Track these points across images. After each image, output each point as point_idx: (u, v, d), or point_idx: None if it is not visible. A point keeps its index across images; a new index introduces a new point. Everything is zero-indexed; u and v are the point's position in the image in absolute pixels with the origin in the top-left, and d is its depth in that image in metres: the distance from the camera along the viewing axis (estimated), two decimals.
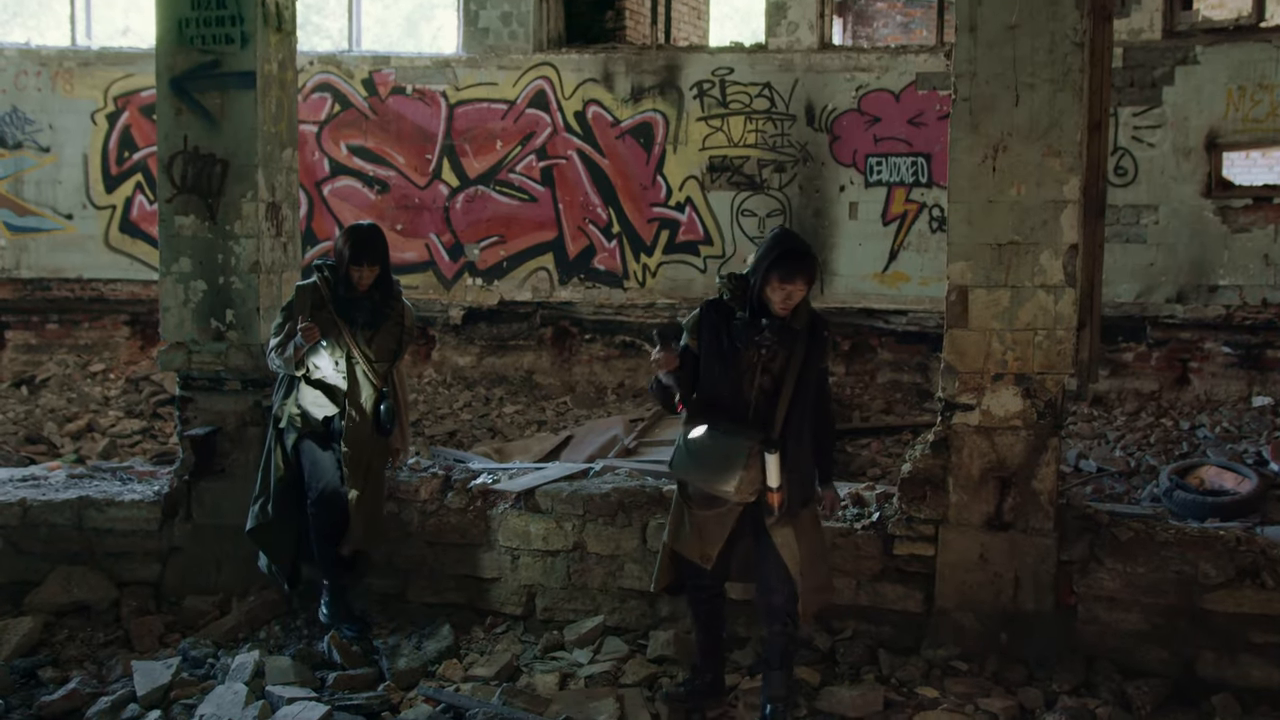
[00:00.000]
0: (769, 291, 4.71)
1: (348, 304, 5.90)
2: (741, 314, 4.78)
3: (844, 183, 13.01)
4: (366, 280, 5.89)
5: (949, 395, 5.64)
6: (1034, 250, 5.45)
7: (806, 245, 4.79)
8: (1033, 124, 5.45)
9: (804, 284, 4.73)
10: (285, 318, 5.90)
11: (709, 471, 4.81)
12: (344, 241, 5.84)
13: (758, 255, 4.79)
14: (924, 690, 5.35)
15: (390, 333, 6.03)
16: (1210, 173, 12.15)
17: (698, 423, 4.88)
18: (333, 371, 5.93)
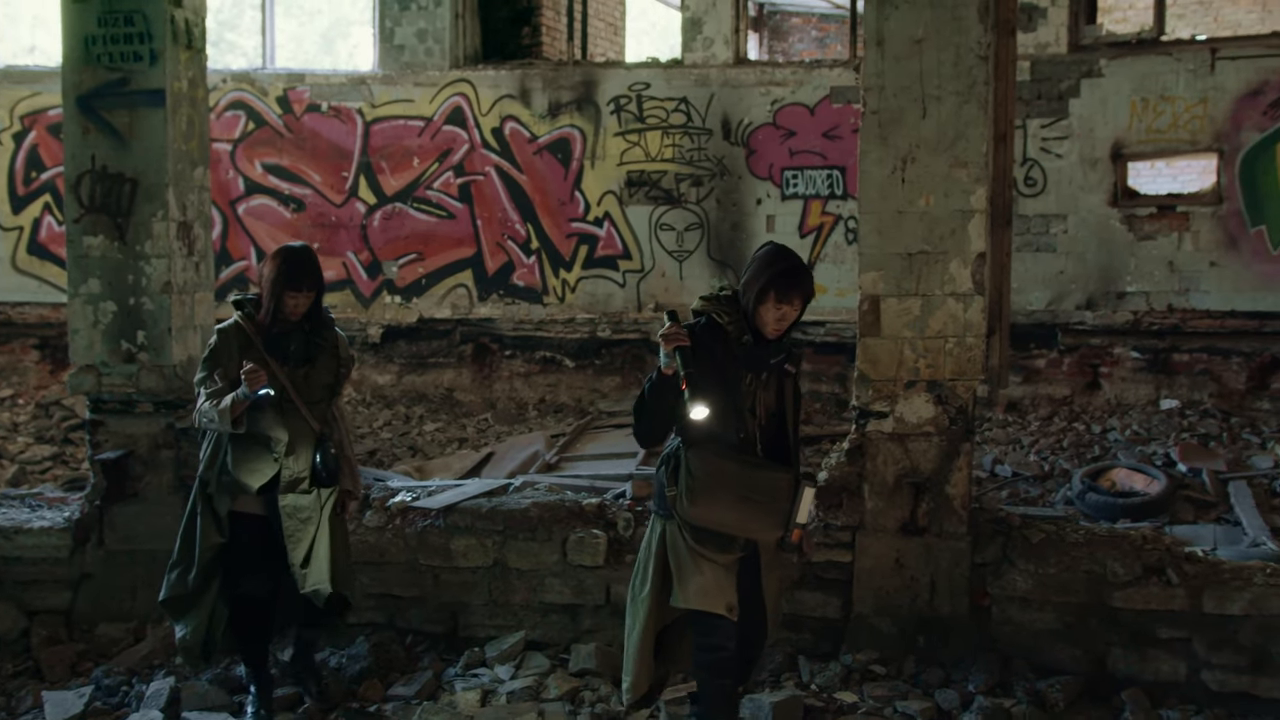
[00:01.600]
0: (762, 312, 4.32)
1: (277, 339, 5.25)
2: (747, 338, 4.34)
3: (761, 196, 13.13)
4: (302, 308, 5.23)
5: (863, 403, 5.72)
6: (943, 259, 5.56)
7: (802, 261, 4.41)
8: (940, 136, 5.56)
9: (800, 303, 4.37)
10: (209, 369, 5.19)
11: (750, 506, 4.34)
12: (276, 265, 5.18)
13: (749, 274, 4.40)
14: (843, 695, 5.42)
15: (326, 366, 5.38)
16: (1116, 182, 12.43)
17: (715, 453, 4.35)
18: (271, 418, 5.22)
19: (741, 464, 4.35)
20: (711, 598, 4.37)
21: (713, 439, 4.36)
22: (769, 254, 4.43)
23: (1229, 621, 5.25)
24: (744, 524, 4.37)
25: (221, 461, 5.26)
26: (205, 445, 5.37)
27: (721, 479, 4.33)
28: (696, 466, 4.36)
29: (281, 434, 5.22)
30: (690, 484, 4.36)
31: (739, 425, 4.37)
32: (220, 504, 5.30)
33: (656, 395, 4.29)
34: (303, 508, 5.28)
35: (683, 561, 4.41)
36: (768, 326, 4.35)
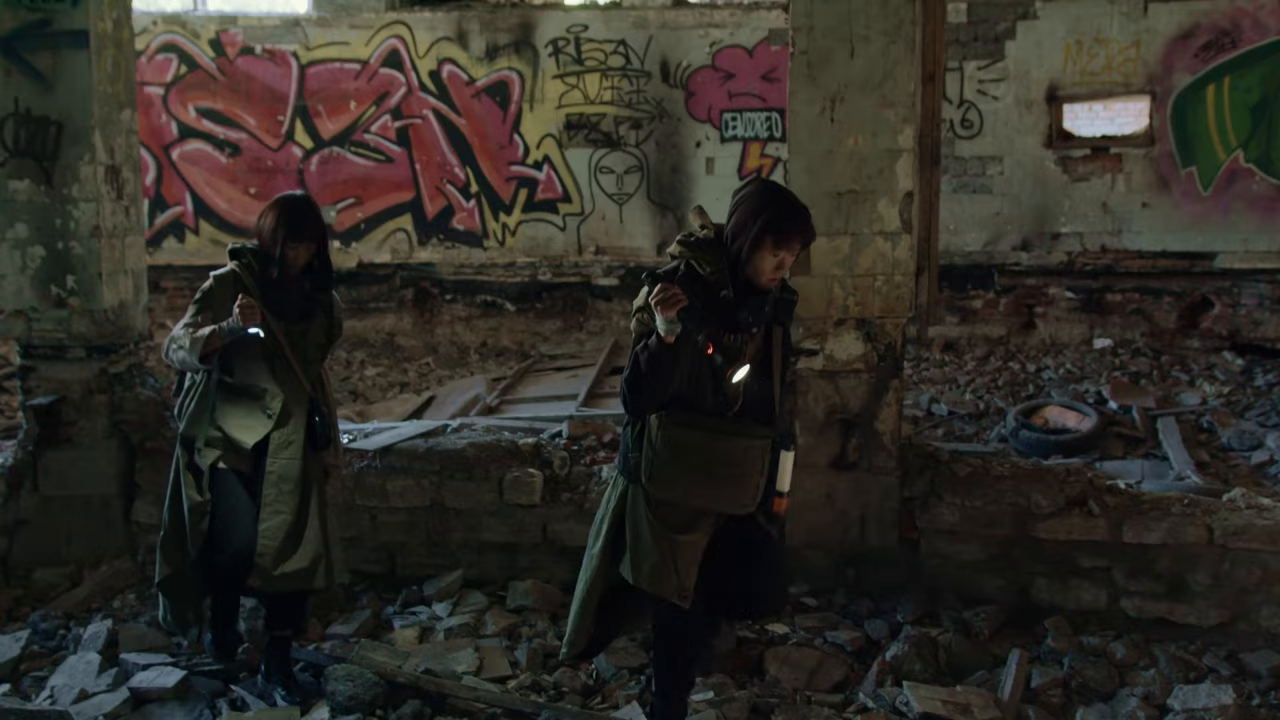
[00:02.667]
0: (757, 260, 3.82)
1: (277, 293, 4.89)
2: (726, 292, 3.86)
3: (700, 138, 13.14)
4: (302, 259, 4.90)
5: (794, 341, 5.79)
6: (871, 198, 5.62)
7: (799, 201, 3.95)
8: (868, 76, 5.60)
9: (800, 247, 3.92)
10: (197, 311, 4.84)
11: (716, 483, 3.93)
12: (275, 215, 4.84)
13: (742, 214, 3.87)
14: (775, 626, 5.53)
15: (321, 326, 5.05)
16: (1052, 124, 12.57)
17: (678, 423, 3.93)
18: (264, 373, 4.91)
19: (709, 434, 3.91)
20: (663, 580, 3.97)
21: (685, 403, 3.92)
22: (762, 192, 3.91)
23: (1147, 551, 5.40)
24: (710, 500, 3.97)
25: (209, 417, 4.92)
26: (187, 401, 4.99)
27: (684, 453, 3.91)
28: (660, 437, 3.93)
29: (276, 389, 4.89)
30: (652, 457, 3.95)
31: (714, 388, 3.90)
32: (205, 458, 4.93)
33: (656, 367, 3.79)
34: (289, 478, 4.93)
35: (640, 532, 4.01)
36: (763, 276, 3.86)
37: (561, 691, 5.04)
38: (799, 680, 5.11)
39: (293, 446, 4.93)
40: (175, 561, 5.05)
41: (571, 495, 6.10)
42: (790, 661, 5.22)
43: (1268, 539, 5.20)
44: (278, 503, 4.92)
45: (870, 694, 4.97)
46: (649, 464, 3.96)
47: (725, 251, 3.89)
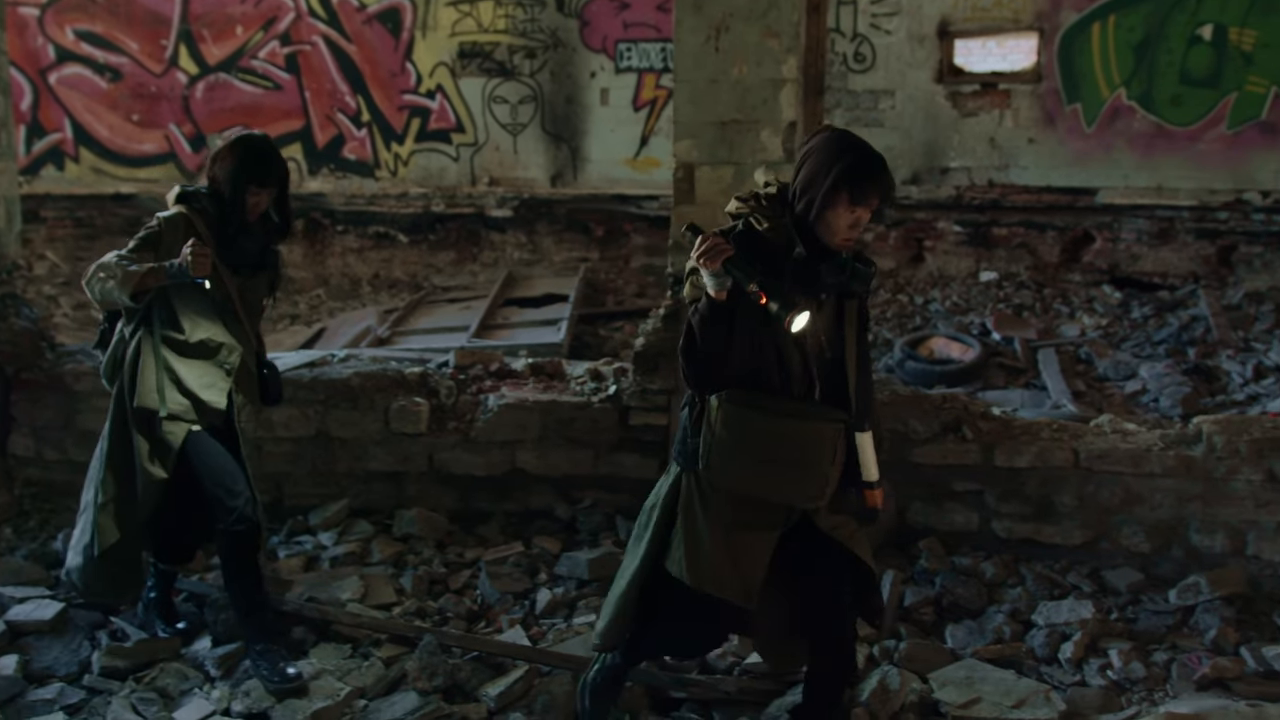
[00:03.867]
0: (831, 217, 3.39)
1: (231, 242, 4.51)
2: (799, 250, 3.42)
3: (595, 69, 13.07)
4: (263, 206, 4.52)
5: (677, 270, 5.84)
6: (755, 128, 5.66)
7: (876, 151, 3.45)
8: (752, 5, 5.61)
9: (879, 204, 3.45)
10: (136, 249, 4.39)
11: (778, 470, 3.53)
12: (235, 157, 4.43)
13: (812, 166, 3.43)
14: None
15: (266, 278, 4.73)
16: (943, 60, 12.71)
17: (740, 402, 3.53)
18: (217, 327, 4.56)
19: (773, 416, 3.51)
20: (726, 581, 3.60)
21: (751, 380, 3.53)
22: (834, 141, 3.45)
23: (1017, 474, 5.58)
24: (770, 489, 3.58)
25: (168, 383, 4.51)
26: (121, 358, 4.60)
27: (747, 436, 3.52)
28: (720, 418, 3.54)
29: (233, 343, 4.58)
30: (711, 440, 3.56)
31: (780, 363, 3.51)
32: (174, 435, 4.53)
33: (710, 329, 3.42)
34: (249, 435, 4.78)
35: (696, 528, 3.63)
36: (837, 235, 3.43)
37: (446, 617, 5.09)
38: None
39: (249, 406, 4.76)
40: (124, 528, 4.65)
41: (458, 424, 6.11)
42: None
43: (1130, 462, 5.40)
44: (248, 462, 4.71)
45: None
46: (708, 449, 3.55)
47: (791, 208, 3.48)
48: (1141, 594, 5.20)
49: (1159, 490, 5.35)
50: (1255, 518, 5.23)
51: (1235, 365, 9.01)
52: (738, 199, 3.60)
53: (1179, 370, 8.89)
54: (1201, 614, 4.97)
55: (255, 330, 4.74)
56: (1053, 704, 4.31)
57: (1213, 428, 5.34)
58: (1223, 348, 9.53)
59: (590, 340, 10.44)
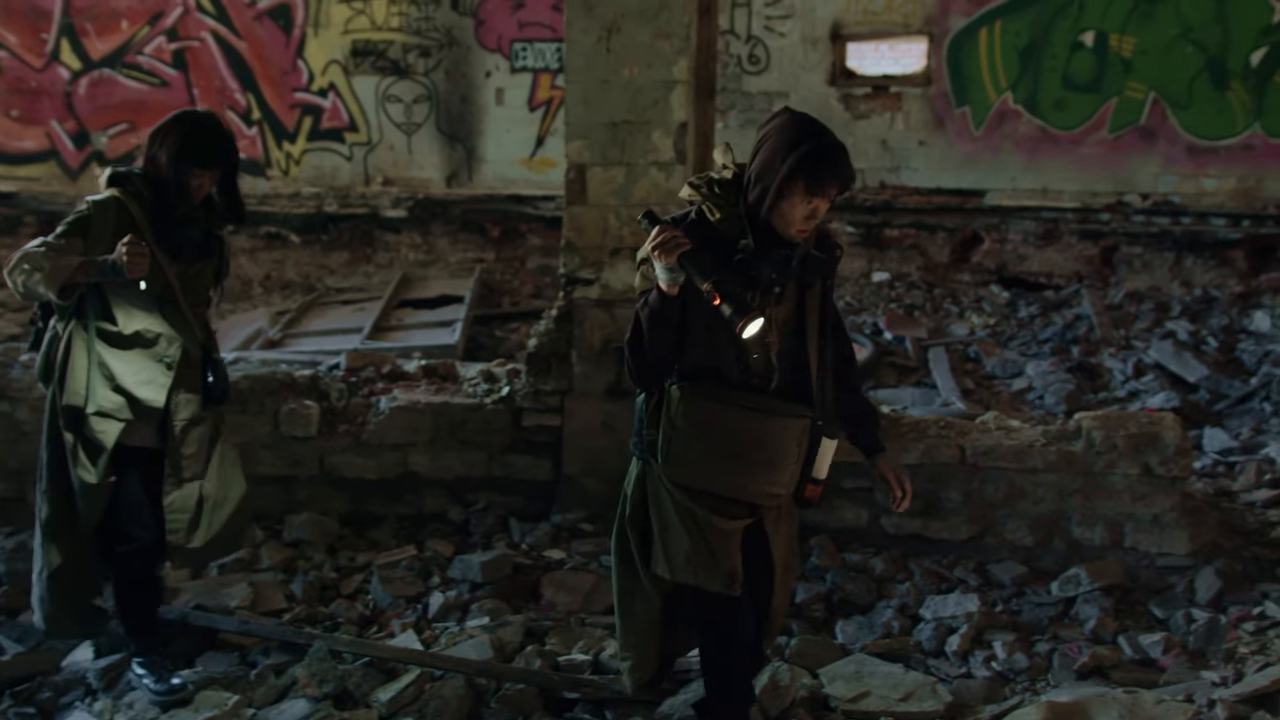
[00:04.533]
0: (787, 207, 3.22)
1: (171, 228, 4.16)
2: (745, 241, 3.27)
3: (490, 68, 13.02)
4: (207, 189, 4.18)
5: (570, 270, 5.85)
6: (646, 129, 5.68)
7: (835, 137, 3.28)
8: (644, 6, 5.63)
9: (837, 193, 3.28)
10: (63, 235, 4.05)
11: (744, 467, 3.40)
12: (177, 137, 4.09)
13: (768, 151, 3.25)
14: (552, 552, 5.62)
15: (210, 267, 4.36)
16: (835, 62, 12.88)
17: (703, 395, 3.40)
18: (155, 318, 4.21)
19: (738, 410, 3.37)
20: (704, 568, 3.45)
21: (710, 371, 3.39)
22: (791, 125, 3.26)
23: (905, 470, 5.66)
24: (736, 487, 3.45)
25: (100, 377, 4.20)
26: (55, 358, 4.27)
27: (709, 431, 3.38)
28: (682, 412, 3.39)
29: (173, 334, 4.22)
30: (671, 434, 3.41)
31: (738, 355, 3.37)
32: (106, 433, 4.22)
33: (659, 325, 3.29)
34: (196, 437, 4.33)
35: (666, 517, 3.48)
36: (791, 226, 3.26)
37: (337, 622, 5.03)
38: (574, 603, 5.21)
39: (194, 402, 4.32)
40: (69, 547, 4.33)
41: (349, 427, 6.05)
42: (566, 585, 5.32)
43: (1014, 458, 5.52)
44: (188, 468, 4.33)
45: None
46: (667, 442, 3.41)
47: (744, 196, 3.31)
48: (1025, 586, 5.32)
49: (1041, 485, 5.47)
50: (1132, 510, 5.38)
51: (1117, 363, 9.26)
52: (691, 184, 3.40)
53: (1063, 368, 9.11)
54: (1082, 605, 5.10)
55: (202, 322, 4.37)
56: (939, 696, 4.38)
57: (1091, 423, 5.49)
58: (1105, 346, 9.79)
59: (486, 341, 10.39)
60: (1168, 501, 5.32)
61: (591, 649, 4.74)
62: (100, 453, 4.23)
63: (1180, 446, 5.35)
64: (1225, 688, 4.24)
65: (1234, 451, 7.22)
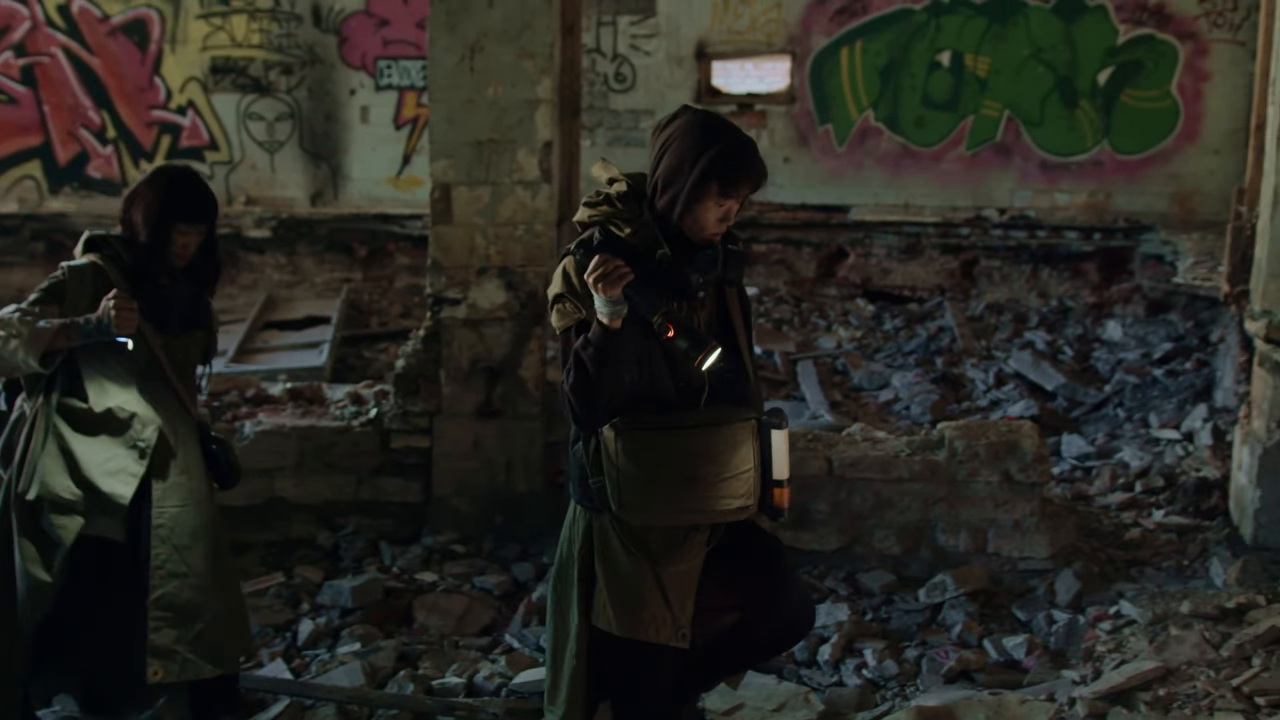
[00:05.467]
0: (700, 212, 3.10)
1: (156, 293, 3.81)
2: (663, 251, 3.11)
3: (354, 86, 12.86)
4: (192, 249, 3.82)
5: (437, 290, 5.82)
6: (511, 148, 5.69)
7: (744, 133, 3.17)
8: (506, 25, 5.64)
9: (750, 191, 3.16)
10: (39, 301, 3.69)
11: (704, 488, 3.17)
12: (154, 191, 3.78)
13: (674, 156, 3.10)
14: (423, 575, 5.56)
15: (198, 337, 3.99)
16: (701, 80, 13.00)
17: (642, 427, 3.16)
18: (130, 395, 3.80)
19: (681, 432, 3.17)
20: (656, 623, 3.24)
21: (642, 401, 3.17)
22: (696, 125, 3.13)
23: None
24: (701, 512, 3.21)
25: (60, 466, 3.74)
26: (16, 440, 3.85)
27: (659, 463, 3.15)
28: (623, 450, 3.15)
29: (149, 414, 3.80)
30: (617, 477, 3.16)
31: (673, 373, 3.17)
32: (65, 530, 3.75)
33: (606, 362, 3.05)
34: (185, 529, 3.84)
35: (619, 572, 3.24)
36: (705, 230, 3.13)
37: None
38: (447, 626, 5.18)
39: (183, 489, 3.85)
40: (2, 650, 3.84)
41: None
42: (439, 608, 5.27)
43: (880, 468, 5.62)
44: (173, 562, 3.82)
45: (516, 634, 5.08)
46: (617, 488, 3.15)
47: (650, 204, 3.15)
48: (894, 594, 5.41)
49: (907, 494, 5.58)
50: (994, 516, 5.52)
51: (979, 373, 9.50)
52: (587, 205, 3.21)
53: (928, 379, 9.32)
54: (948, 610, 5.21)
55: (192, 399, 3.95)
56: (812, 705, 4.44)
57: (954, 433, 5.62)
58: (967, 356, 10.04)
59: (355, 362, 10.24)
60: (1027, 507, 5.47)
61: (465, 671, 4.71)
62: (55, 550, 3.76)
63: (1038, 453, 5.51)
64: (1085, 685, 4.38)
65: (1090, 456, 7.46)
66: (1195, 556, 5.60)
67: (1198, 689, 4.19)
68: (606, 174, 3.25)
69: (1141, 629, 4.78)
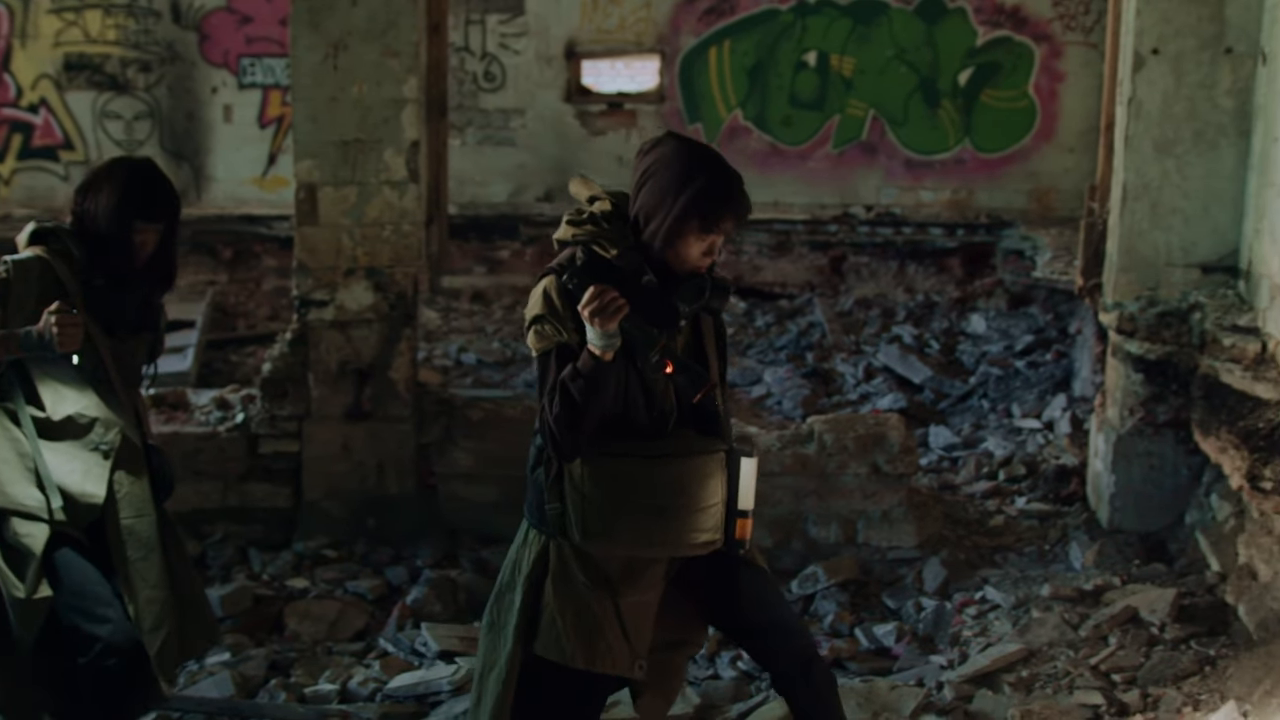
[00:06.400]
0: (681, 247, 3.00)
1: (106, 295, 3.56)
2: (649, 278, 2.99)
3: (216, 84, 12.57)
4: (151, 246, 3.58)
5: (303, 292, 5.74)
6: (378, 148, 5.63)
7: (728, 165, 3.08)
8: (371, 24, 5.58)
9: (734, 226, 3.08)
10: None
11: (670, 521, 3.06)
12: (113, 184, 3.53)
13: (656, 187, 3.00)
14: (294, 581, 5.48)
15: (144, 340, 3.75)
16: (570, 79, 13.00)
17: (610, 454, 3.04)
18: (88, 399, 3.55)
19: (651, 461, 3.06)
20: (614, 654, 3.10)
21: (611, 426, 3.05)
22: (678, 158, 3.03)
23: None
24: (666, 544, 3.10)
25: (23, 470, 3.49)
26: None
27: (626, 492, 3.04)
28: (589, 477, 3.03)
29: (111, 417, 3.57)
30: (581, 504, 3.03)
31: (648, 400, 3.07)
32: (33, 539, 3.47)
33: (594, 394, 2.94)
34: (146, 538, 3.64)
35: (575, 602, 3.09)
36: (687, 264, 3.03)
37: None
38: (319, 632, 5.11)
39: (137, 499, 3.64)
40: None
41: None
42: (310, 615, 5.21)
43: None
44: (146, 571, 3.62)
45: (391, 638, 5.03)
46: (581, 515, 3.03)
47: (634, 228, 3.04)
48: None
49: (779, 488, 5.66)
50: (863, 508, 5.63)
51: (849, 367, 9.67)
52: (570, 222, 3.06)
53: (799, 374, 9.45)
54: (820, 600, 5.30)
55: (135, 404, 3.73)
56: (688, 699, 4.47)
57: (823, 426, 5.72)
58: (837, 351, 10.20)
59: (222, 367, 10.03)
60: (895, 497, 5.59)
61: (338, 678, 4.66)
62: (28, 561, 3.46)
63: (905, 445, 5.64)
64: (952, 670, 4.50)
65: (956, 447, 7.65)
66: (1056, 541, 5.78)
67: (1058, 668, 4.33)
68: (587, 191, 3.13)
69: (1005, 613, 4.92)
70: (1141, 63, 5.37)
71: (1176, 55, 5.33)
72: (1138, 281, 5.50)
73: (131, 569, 3.58)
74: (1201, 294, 5.42)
